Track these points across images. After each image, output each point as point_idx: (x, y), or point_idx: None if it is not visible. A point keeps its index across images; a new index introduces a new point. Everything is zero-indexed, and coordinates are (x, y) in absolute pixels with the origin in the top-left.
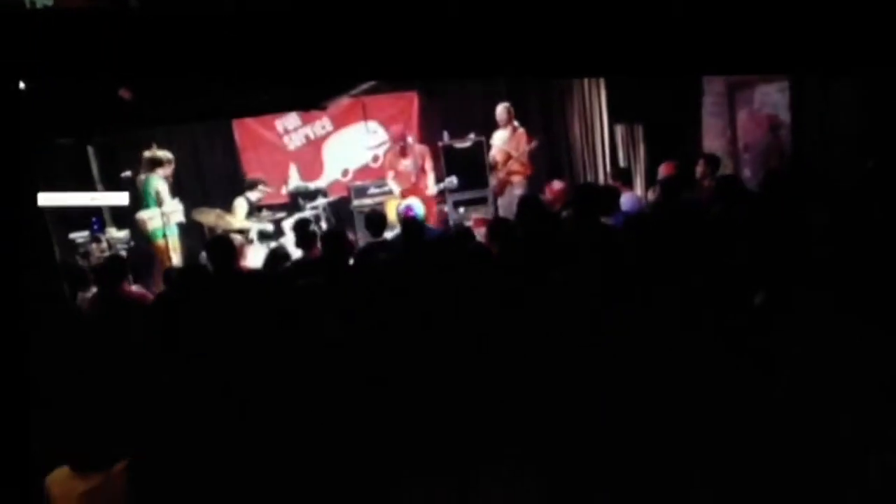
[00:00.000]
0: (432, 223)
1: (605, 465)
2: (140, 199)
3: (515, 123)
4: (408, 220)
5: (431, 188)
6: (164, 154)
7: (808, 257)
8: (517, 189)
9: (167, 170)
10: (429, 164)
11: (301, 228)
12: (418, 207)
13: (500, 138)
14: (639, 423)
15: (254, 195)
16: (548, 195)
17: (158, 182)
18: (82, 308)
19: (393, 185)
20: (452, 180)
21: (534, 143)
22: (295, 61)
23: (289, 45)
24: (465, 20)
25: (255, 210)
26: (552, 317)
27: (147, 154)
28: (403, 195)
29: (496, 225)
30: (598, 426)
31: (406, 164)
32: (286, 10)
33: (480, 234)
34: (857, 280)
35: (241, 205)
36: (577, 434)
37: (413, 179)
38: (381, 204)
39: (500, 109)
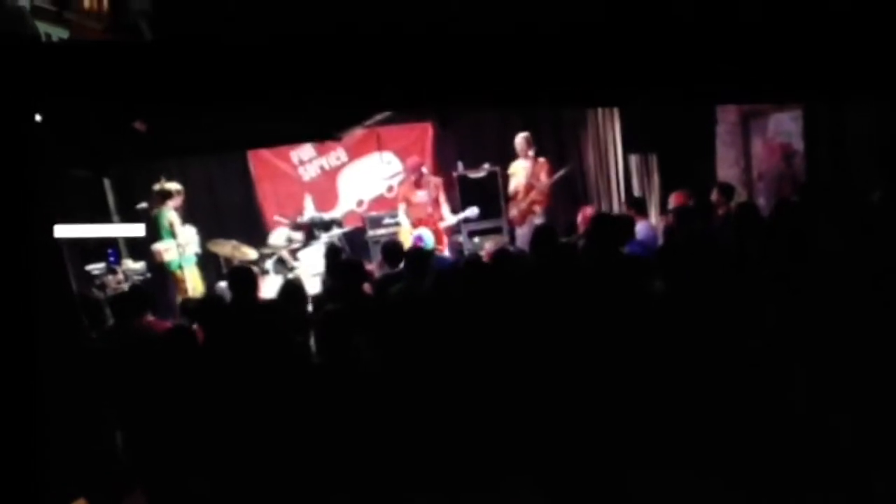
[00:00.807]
0: (444, 253)
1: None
2: (155, 231)
3: (532, 153)
4: (411, 251)
5: (448, 219)
6: (172, 186)
7: (819, 284)
8: (538, 219)
9: (177, 201)
10: (442, 196)
11: (333, 256)
12: (428, 238)
13: (520, 168)
14: (657, 445)
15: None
16: (580, 221)
17: (170, 214)
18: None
19: (403, 218)
20: (473, 210)
21: (561, 172)
22: (310, 91)
23: (303, 75)
24: (482, 50)
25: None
26: (568, 345)
27: (156, 187)
28: (415, 226)
29: (499, 255)
30: (612, 453)
31: (420, 195)
32: (300, 41)
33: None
34: (868, 305)
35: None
36: (585, 459)
37: (429, 210)
38: (397, 234)
39: (520, 140)
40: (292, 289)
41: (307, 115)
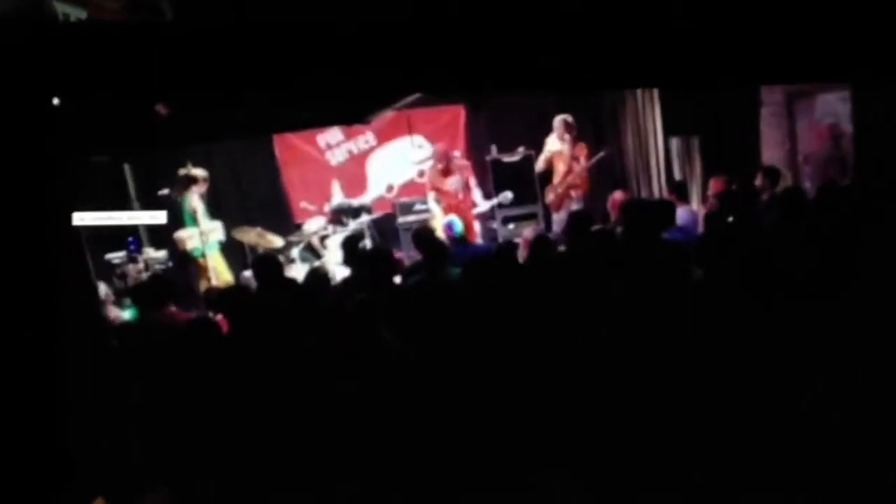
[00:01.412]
0: (475, 240)
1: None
2: (178, 218)
3: (569, 137)
4: (427, 239)
5: (481, 205)
6: (198, 172)
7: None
8: (575, 204)
9: (202, 187)
10: (473, 180)
11: (351, 245)
12: (458, 225)
13: (557, 149)
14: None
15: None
16: (610, 207)
17: (194, 200)
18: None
19: (434, 206)
20: (507, 195)
21: (599, 155)
22: (338, 73)
23: (331, 56)
24: (516, 29)
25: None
26: (602, 334)
27: (182, 172)
28: (447, 212)
29: (539, 242)
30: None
31: (451, 182)
32: (329, 21)
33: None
34: None
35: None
36: (625, 451)
37: (460, 197)
38: (428, 221)
39: (559, 121)
40: (317, 278)
41: (335, 97)
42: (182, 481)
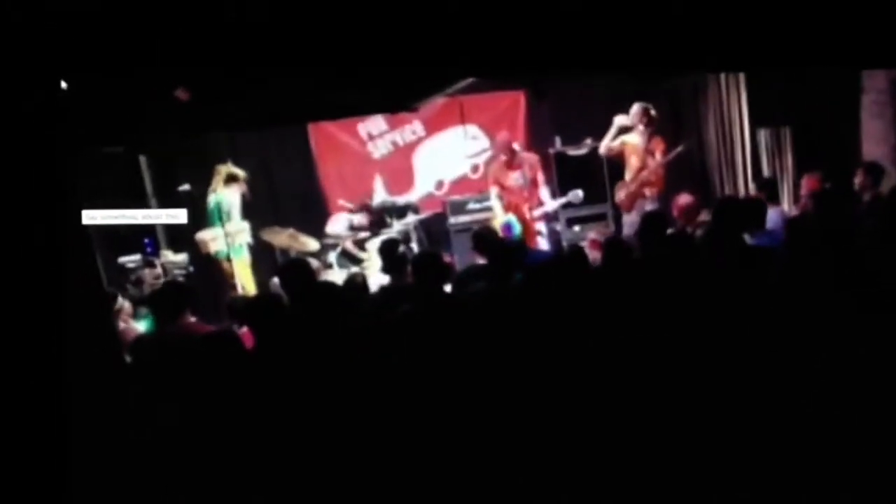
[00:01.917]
0: (534, 244)
1: None
2: (202, 217)
3: (643, 128)
4: (496, 242)
5: (548, 203)
6: (240, 172)
7: None
8: (649, 204)
9: (243, 187)
10: (541, 176)
11: (389, 250)
12: (516, 226)
13: (630, 141)
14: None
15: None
16: (674, 212)
17: (234, 198)
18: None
19: (496, 204)
20: (578, 193)
21: (678, 150)
22: (382, 54)
23: (374, 33)
24: (584, 5)
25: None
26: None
27: (223, 168)
28: (507, 211)
29: (612, 245)
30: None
31: (515, 177)
32: None
33: (597, 257)
34: None
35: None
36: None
37: (525, 195)
38: (484, 221)
39: (638, 108)
40: (353, 287)
41: (378, 81)
42: None
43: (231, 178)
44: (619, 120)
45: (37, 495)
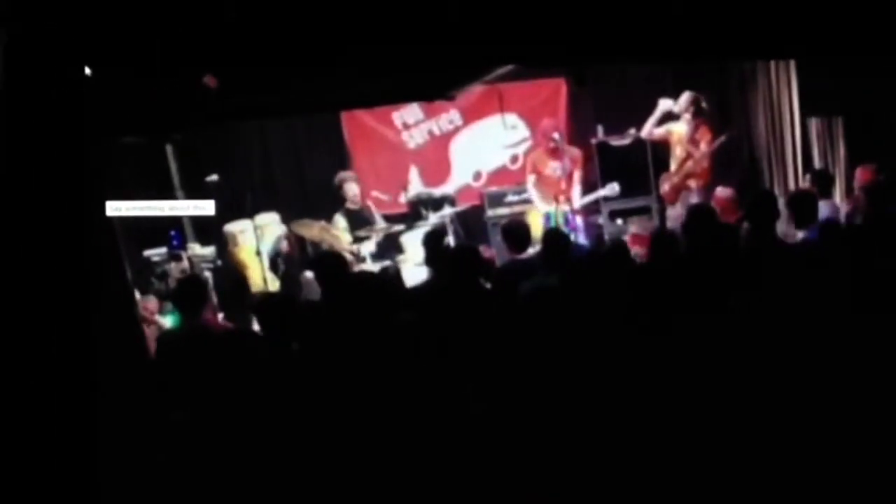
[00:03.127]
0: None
1: None
2: (230, 208)
3: (689, 117)
4: (551, 233)
5: (577, 200)
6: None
7: None
8: (693, 197)
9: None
10: (578, 173)
11: (433, 242)
12: (553, 218)
13: (676, 131)
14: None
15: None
16: (716, 206)
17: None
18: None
19: (534, 193)
20: (614, 187)
21: (722, 139)
22: (417, 40)
23: (409, 17)
24: None
25: (359, 223)
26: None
27: None
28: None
29: (660, 240)
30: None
31: (554, 167)
32: None
33: (638, 253)
34: None
35: (339, 221)
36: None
37: (562, 186)
38: (522, 214)
39: (687, 97)
40: (384, 282)
41: (413, 68)
42: None
43: None
44: (665, 104)
45: (62, 488)
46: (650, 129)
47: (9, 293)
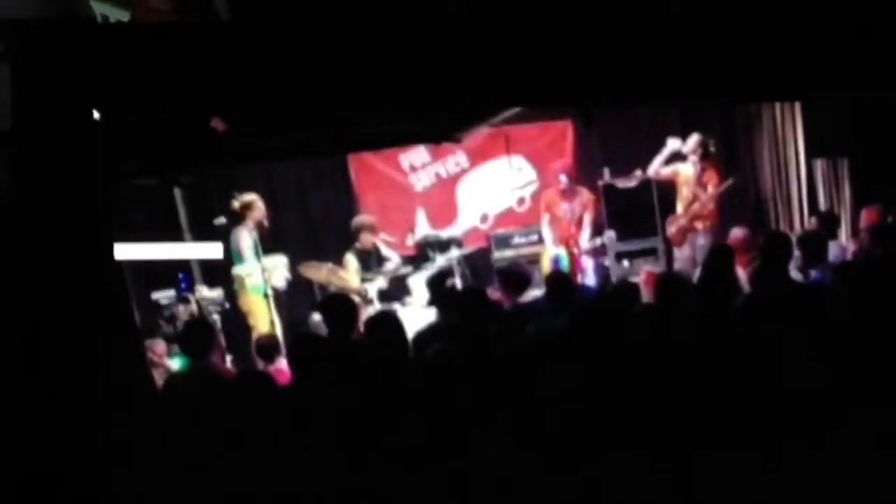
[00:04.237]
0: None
1: None
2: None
3: (696, 158)
4: (554, 276)
5: (584, 243)
6: (247, 197)
7: None
8: (701, 238)
9: (257, 215)
10: (588, 216)
11: (437, 284)
12: (564, 261)
13: (683, 172)
14: None
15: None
16: (732, 246)
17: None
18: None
19: (546, 232)
20: (611, 235)
21: (729, 182)
22: (425, 84)
23: (417, 63)
24: (635, 33)
25: (370, 264)
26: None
27: (235, 204)
28: (559, 243)
29: (667, 281)
30: None
31: (565, 209)
32: (412, 21)
33: (649, 292)
34: None
35: (350, 262)
36: None
37: (572, 230)
38: (535, 255)
39: (696, 140)
40: (383, 325)
41: (420, 111)
42: None
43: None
44: (673, 143)
45: None
46: (657, 168)
47: (20, 335)
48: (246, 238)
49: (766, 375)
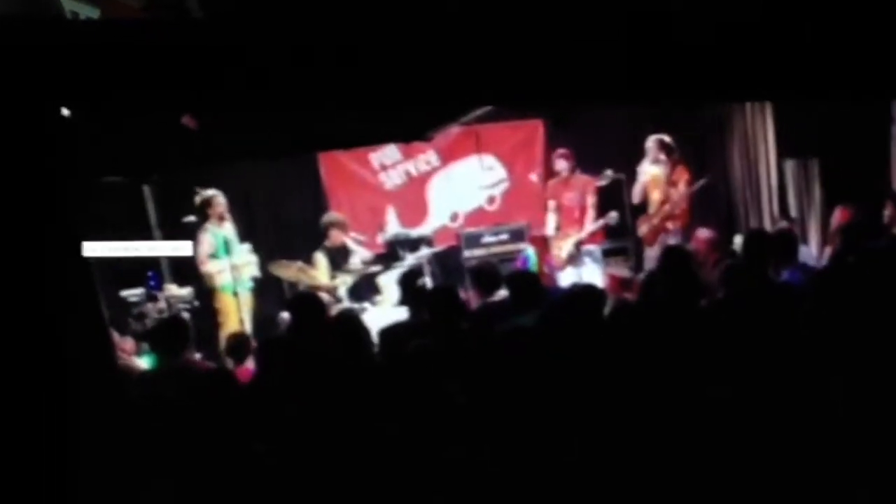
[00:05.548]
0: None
1: None
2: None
3: (665, 158)
4: (517, 275)
5: (588, 227)
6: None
7: None
8: (672, 239)
9: (217, 210)
10: (591, 200)
11: (408, 282)
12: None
13: (650, 174)
14: None
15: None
16: (695, 247)
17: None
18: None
19: (551, 220)
20: (613, 215)
21: (701, 182)
22: (395, 82)
23: (388, 61)
24: (606, 32)
25: (339, 262)
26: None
27: (198, 200)
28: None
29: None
30: None
31: (570, 196)
32: (384, 19)
33: (615, 294)
34: None
35: (320, 260)
36: None
37: (576, 215)
38: (507, 253)
39: (653, 142)
40: (346, 326)
41: (391, 110)
42: None
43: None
44: (643, 169)
45: None
46: (638, 197)
47: None
48: (209, 237)
49: (742, 372)
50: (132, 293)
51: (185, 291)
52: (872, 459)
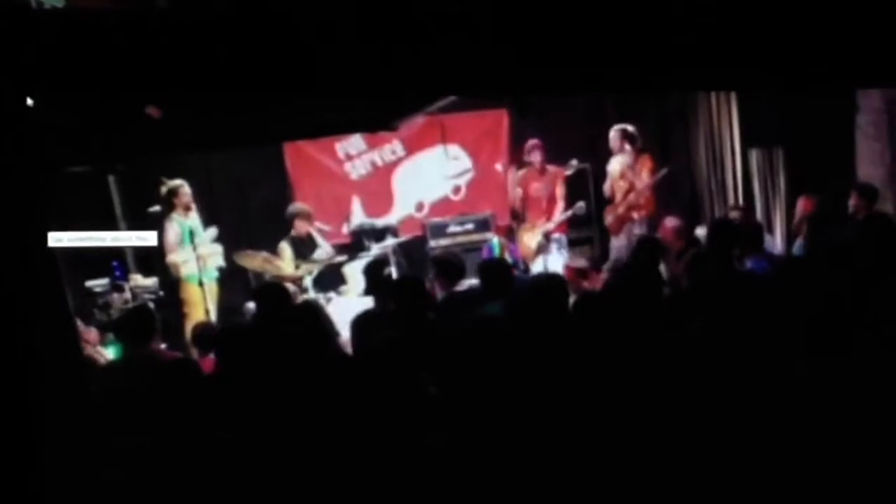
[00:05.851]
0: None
1: None
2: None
3: (629, 148)
4: (487, 264)
5: (557, 217)
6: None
7: None
8: (637, 228)
9: (182, 200)
10: (560, 191)
11: (374, 272)
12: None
13: (619, 164)
14: None
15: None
16: (662, 236)
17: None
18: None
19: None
20: (581, 205)
21: (664, 171)
22: (361, 72)
23: (353, 52)
24: (566, 19)
25: (304, 252)
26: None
27: (164, 190)
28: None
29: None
30: None
31: (537, 187)
32: (349, 10)
33: (574, 285)
34: None
35: (284, 250)
36: None
37: (543, 206)
38: (472, 243)
39: (615, 133)
40: (307, 315)
41: (356, 99)
42: None
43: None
44: (611, 163)
45: None
46: (609, 190)
47: None
48: (175, 226)
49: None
50: (97, 283)
51: (151, 281)
52: (837, 447)
